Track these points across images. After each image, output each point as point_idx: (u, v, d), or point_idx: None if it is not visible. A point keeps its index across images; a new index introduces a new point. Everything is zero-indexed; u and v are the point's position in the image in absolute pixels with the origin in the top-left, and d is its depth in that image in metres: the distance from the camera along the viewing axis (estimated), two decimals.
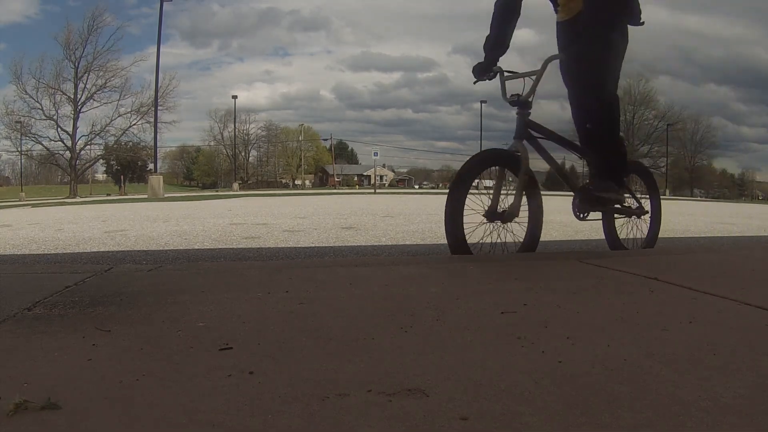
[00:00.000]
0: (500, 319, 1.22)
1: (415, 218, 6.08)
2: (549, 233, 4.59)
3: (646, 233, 3.19)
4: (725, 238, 4.41)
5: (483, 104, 50.59)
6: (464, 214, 2.33)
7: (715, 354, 0.97)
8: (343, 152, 78.10)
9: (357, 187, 54.68)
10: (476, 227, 2.41)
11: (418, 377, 0.86)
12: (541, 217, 2.60)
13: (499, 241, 2.43)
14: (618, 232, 3.04)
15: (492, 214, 2.40)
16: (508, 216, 2.41)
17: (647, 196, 3.21)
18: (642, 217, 3.13)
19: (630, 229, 3.12)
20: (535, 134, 2.57)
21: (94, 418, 0.72)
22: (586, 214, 2.79)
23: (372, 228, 4.89)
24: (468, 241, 2.37)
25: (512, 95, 2.53)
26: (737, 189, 58.46)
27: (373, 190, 27.53)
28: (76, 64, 39.21)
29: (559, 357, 0.95)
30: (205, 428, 0.69)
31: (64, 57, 39.06)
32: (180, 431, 0.69)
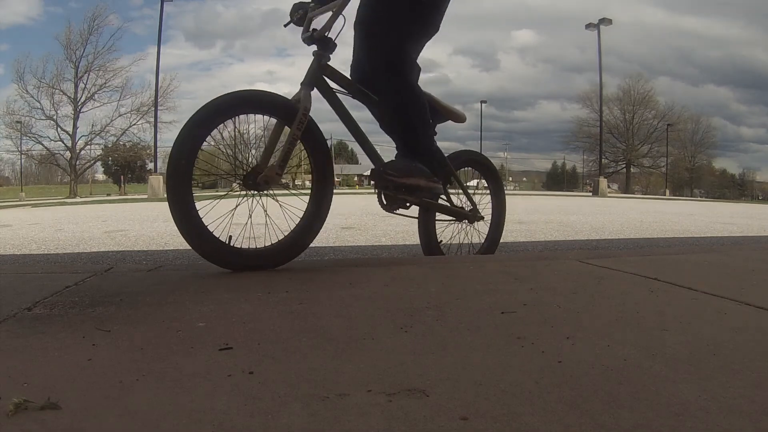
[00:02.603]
0: (500, 319, 1.22)
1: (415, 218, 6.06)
2: (549, 233, 4.59)
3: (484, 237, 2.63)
4: (725, 238, 4.41)
5: (483, 104, 50.61)
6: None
7: (715, 354, 0.97)
8: (343, 152, 78.05)
9: (357, 187, 54.66)
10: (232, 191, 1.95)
11: (418, 377, 0.86)
12: (327, 192, 2.04)
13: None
14: (438, 235, 2.48)
15: (248, 177, 1.91)
16: (262, 179, 1.89)
17: (486, 192, 2.66)
18: (476, 223, 2.56)
19: (466, 233, 2.57)
20: (333, 85, 2.06)
21: (94, 418, 0.72)
22: (393, 207, 2.22)
23: (372, 228, 4.89)
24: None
25: (307, 32, 2.04)
26: (737, 189, 58.46)
27: (373, 190, 27.51)
28: (77, 64, 39.24)
29: (559, 357, 0.95)
30: (205, 428, 0.69)
31: (64, 57, 39.10)
32: (180, 431, 0.69)
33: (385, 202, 2.21)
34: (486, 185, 2.69)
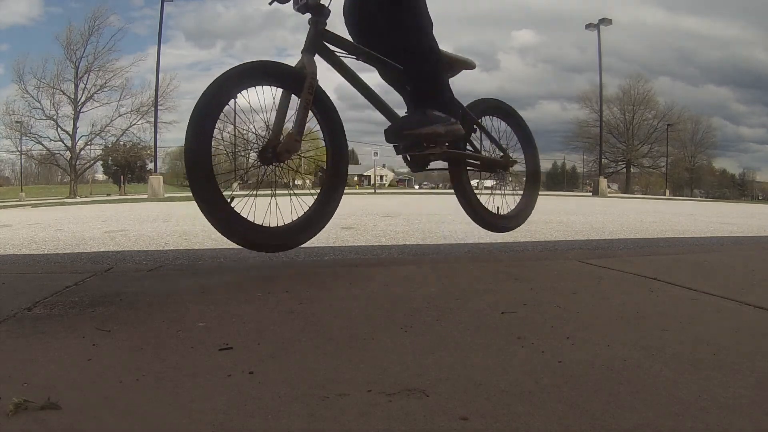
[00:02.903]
0: (500, 319, 1.22)
1: (415, 218, 6.07)
2: (549, 233, 4.59)
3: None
4: (725, 238, 4.41)
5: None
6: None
7: (715, 354, 0.97)
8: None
9: (357, 187, 54.66)
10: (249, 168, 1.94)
11: (418, 377, 0.86)
12: (342, 143, 2.03)
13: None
14: (485, 204, 2.38)
15: (265, 151, 1.87)
16: (282, 147, 1.86)
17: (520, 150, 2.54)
18: (511, 170, 2.44)
19: (503, 188, 2.46)
20: (334, 48, 2.02)
21: (94, 418, 0.72)
22: (420, 166, 2.17)
23: (372, 228, 4.89)
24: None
25: (300, 1, 1.98)
26: (737, 189, 58.47)
27: (373, 190, 27.53)
28: (77, 64, 39.26)
29: (559, 357, 0.95)
30: (205, 428, 0.69)
31: (64, 57, 39.13)
32: (180, 431, 0.69)
33: (410, 160, 2.17)
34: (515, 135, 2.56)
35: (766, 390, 0.80)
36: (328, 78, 2.05)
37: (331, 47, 2.00)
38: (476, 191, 2.53)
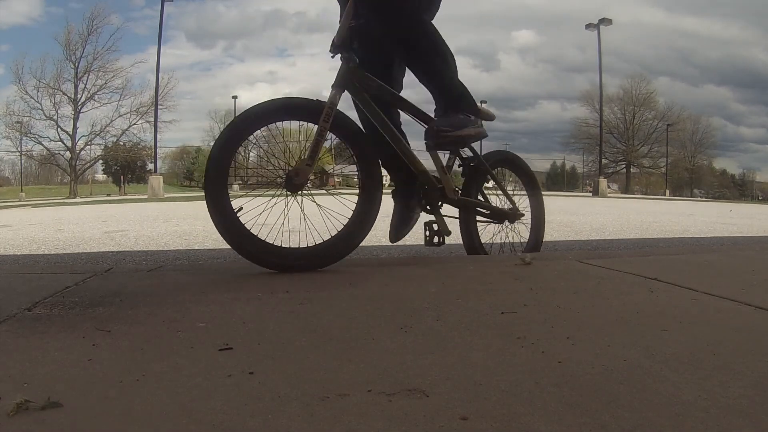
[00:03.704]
0: (500, 319, 1.22)
1: None
2: (549, 233, 4.59)
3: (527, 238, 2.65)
4: (725, 238, 4.41)
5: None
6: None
7: (715, 354, 0.97)
8: (343, 152, 78.06)
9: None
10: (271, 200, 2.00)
11: (418, 377, 0.86)
12: (371, 167, 2.14)
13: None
14: (480, 235, 2.50)
15: (290, 181, 2.00)
16: (292, 173, 1.98)
17: (524, 193, 2.66)
18: (516, 222, 2.56)
19: (506, 234, 2.58)
20: (362, 88, 2.11)
21: (94, 418, 0.72)
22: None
23: (372, 228, 4.89)
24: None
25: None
26: (737, 189, 58.44)
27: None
28: (76, 64, 39.26)
29: (559, 357, 0.95)
30: (205, 428, 0.69)
31: (64, 57, 39.12)
32: (180, 431, 0.69)
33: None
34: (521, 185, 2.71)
35: (766, 390, 0.80)
36: (331, 77, 2.07)
37: (359, 86, 2.11)
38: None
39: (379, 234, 4.41)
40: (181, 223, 5.58)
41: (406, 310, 1.31)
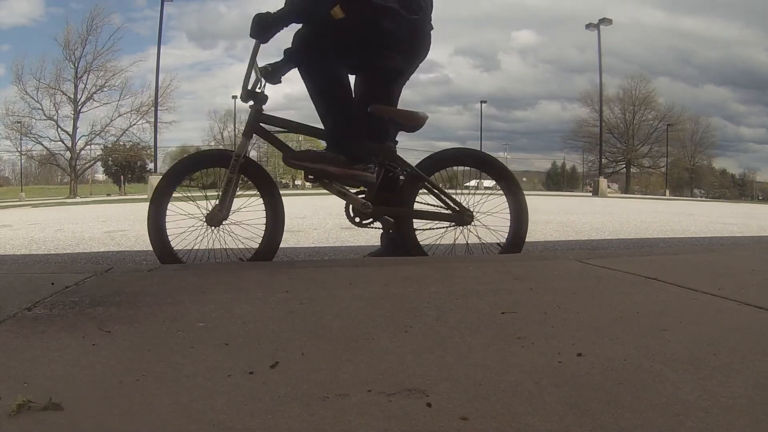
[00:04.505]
0: (500, 319, 1.22)
1: None
2: (549, 233, 4.59)
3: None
4: (725, 238, 4.41)
5: (483, 104, 50.64)
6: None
7: (715, 354, 0.97)
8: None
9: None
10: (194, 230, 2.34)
11: (418, 377, 0.86)
12: (278, 219, 2.37)
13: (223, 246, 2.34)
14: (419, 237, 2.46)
15: (211, 220, 2.32)
16: (217, 219, 2.32)
17: (500, 194, 2.54)
18: (469, 226, 2.47)
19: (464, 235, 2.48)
20: (270, 128, 2.36)
21: (94, 418, 0.72)
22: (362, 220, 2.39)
23: (372, 228, 4.88)
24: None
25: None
26: (737, 189, 58.44)
27: None
28: (76, 64, 39.21)
29: (559, 357, 0.95)
30: (205, 428, 0.69)
31: (64, 57, 39.09)
32: (180, 431, 0.69)
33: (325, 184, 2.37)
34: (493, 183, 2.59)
35: (766, 390, 0.80)
36: None
37: (268, 127, 2.37)
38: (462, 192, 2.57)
39: (379, 234, 4.41)
40: (181, 223, 5.58)
41: (406, 310, 1.31)
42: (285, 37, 2.33)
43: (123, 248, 3.63)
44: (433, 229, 2.49)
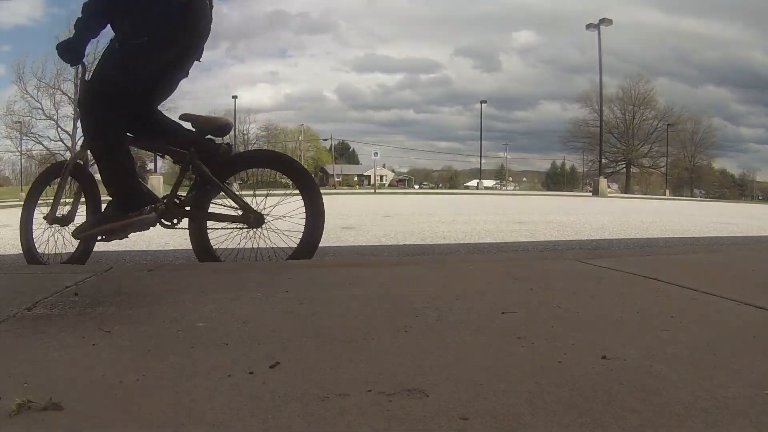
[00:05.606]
0: (500, 319, 1.22)
1: (415, 218, 6.07)
2: (549, 233, 4.59)
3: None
4: (725, 238, 4.41)
5: (483, 104, 50.64)
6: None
7: (715, 354, 0.97)
8: (344, 152, 78.12)
9: (357, 187, 54.64)
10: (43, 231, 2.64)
11: (418, 377, 0.86)
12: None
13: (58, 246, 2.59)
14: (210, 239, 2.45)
15: (52, 219, 2.57)
16: (65, 220, 2.57)
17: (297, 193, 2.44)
18: (261, 229, 2.41)
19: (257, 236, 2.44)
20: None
21: (94, 418, 0.72)
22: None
23: (372, 228, 4.89)
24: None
25: None
26: (737, 189, 58.42)
27: (373, 190, 27.54)
28: None
29: (559, 357, 0.95)
30: (205, 428, 0.69)
31: None
32: (180, 431, 0.69)
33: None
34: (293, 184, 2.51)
35: (766, 390, 0.80)
36: (333, 77, 2.06)
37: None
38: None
39: (379, 234, 4.41)
40: (180, 223, 5.57)
41: (406, 310, 1.31)
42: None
43: (123, 248, 3.63)
44: (216, 229, 2.46)
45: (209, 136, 2.41)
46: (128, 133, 2.38)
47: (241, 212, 2.39)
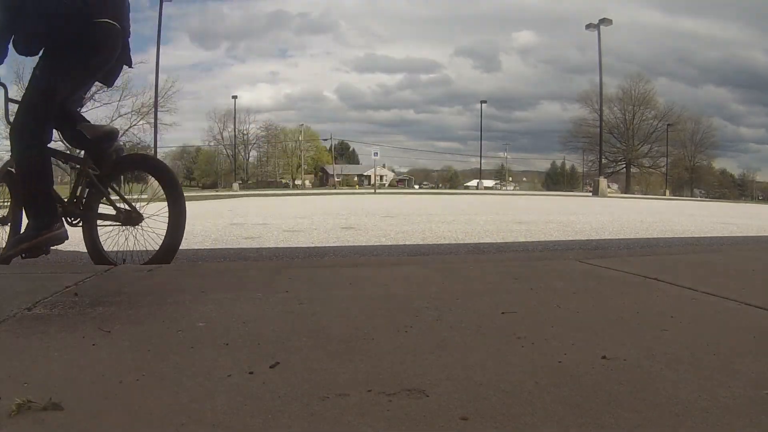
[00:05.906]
0: (500, 319, 1.22)
1: (415, 218, 6.07)
2: (549, 233, 4.59)
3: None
4: (725, 238, 4.41)
5: (483, 104, 50.65)
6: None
7: (715, 354, 0.97)
8: (344, 152, 78.11)
9: (357, 187, 54.65)
10: None
11: (418, 377, 0.86)
12: (16, 226, 2.53)
13: None
14: (102, 242, 2.56)
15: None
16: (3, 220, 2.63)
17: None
18: (140, 225, 2.54)
19: (128, 237, 2.53)
20: None
21: (94, 418, 0.72)
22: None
23: (372, 228, 4.89)
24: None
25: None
26: (737, 189, 58.42)
27: (373, 190, 27.54)
28: None
29: (559, 357, 0.95)
30: (205, 428, 0.69)
31: None
32: (180, 431, 0.69)
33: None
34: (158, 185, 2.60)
35: (766, 390, 0.80)
36: (333, 77, 2.07)
37: None
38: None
39: (379, 234, 4.42)
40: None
41: (406, 310, 1.31)
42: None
43: (122, 248, 3.63)
44: (103, 226, 2.59)
45: (98, 143, 2.55)
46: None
47: (114, 212, 2.54)
